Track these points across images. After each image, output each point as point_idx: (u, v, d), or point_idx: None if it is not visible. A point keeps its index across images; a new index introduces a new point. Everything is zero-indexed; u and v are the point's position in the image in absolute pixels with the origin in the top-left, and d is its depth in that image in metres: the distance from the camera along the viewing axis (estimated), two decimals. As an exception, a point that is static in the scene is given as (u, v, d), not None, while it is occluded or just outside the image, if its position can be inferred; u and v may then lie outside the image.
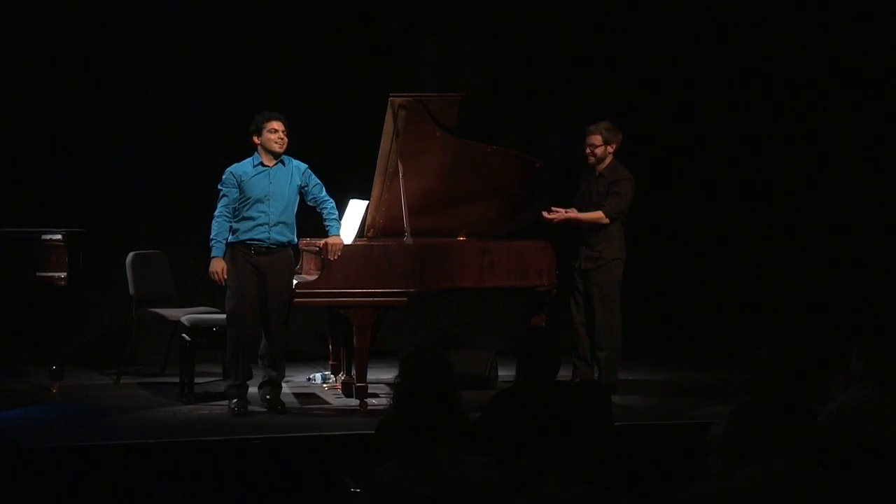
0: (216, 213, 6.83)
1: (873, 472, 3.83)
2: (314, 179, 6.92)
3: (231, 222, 6.78)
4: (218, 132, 8.76)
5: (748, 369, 4.57)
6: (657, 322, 9.10)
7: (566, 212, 7.35)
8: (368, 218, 7.38)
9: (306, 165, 6.93)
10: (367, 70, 9.02)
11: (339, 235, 6.90)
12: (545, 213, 7.34)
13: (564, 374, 7.17)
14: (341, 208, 7.37)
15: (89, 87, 8.57)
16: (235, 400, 6.71)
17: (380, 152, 7.19)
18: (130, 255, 7.81)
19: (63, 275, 7.15)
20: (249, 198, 6.76)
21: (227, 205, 6.79)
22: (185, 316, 7.36)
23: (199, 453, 5.82)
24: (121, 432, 6.21)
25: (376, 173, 7.25)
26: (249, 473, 5.71)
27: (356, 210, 7.28)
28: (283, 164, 6.86)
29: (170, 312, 7.59)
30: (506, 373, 7.82)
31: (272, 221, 6.76)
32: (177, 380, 7.37)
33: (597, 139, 7.31)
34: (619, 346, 7.33)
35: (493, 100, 9.33)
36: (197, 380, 7.37)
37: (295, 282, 7.00)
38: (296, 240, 6.95)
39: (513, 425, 4.08)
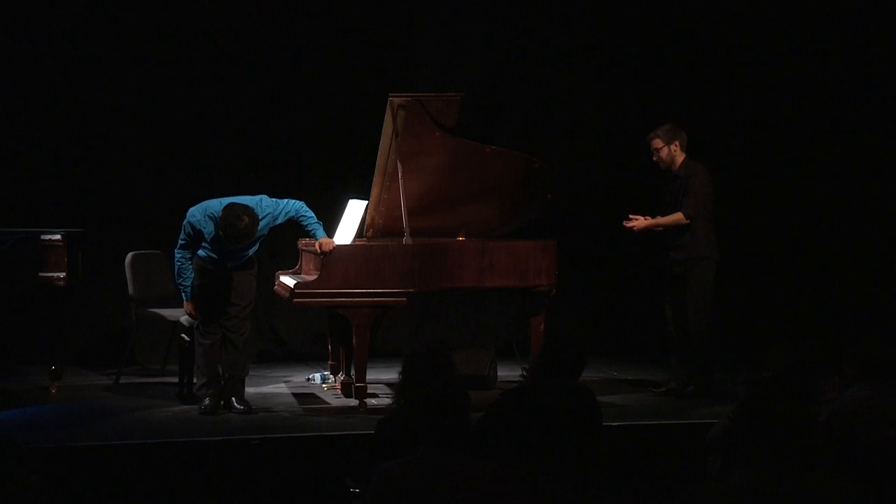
0: (179, 255, 6.69)
1: (873, 472, 3.83)
2: (279, 207, 6.74)
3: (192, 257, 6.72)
4: (217, 133, 8.78)
5: (747, 370, 4.58)
6: (656, 322, 9.09)
7: (645, 218, 7.38)
8: (368, 218, 7.38)
9: (259, 198, 6.70)
10: (366, 70, 9.02)
11: (325, 237, 6.83)
12: (625, 223, 7.37)
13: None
14: (341, 208, 7.38)
15: (89, 88, 8.57)
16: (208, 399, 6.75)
17: (379, 152, 7.19)
18: (130, 255, 7.81)
19: (62, 275, 7.14)
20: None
21: (190, 246, 6.69)
22: (184, 316, 7.36)
23: (198, 453, 5.82)
24: (120, 432, 6.21)
25: (375, 173, 7.26)
26: (249, 473, 5.72)
27: (355, 210, 7.28)
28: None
29: (169, 312, 7.59)
30: (505, 373, 7.82)
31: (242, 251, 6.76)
32: (176, 380, 7.37)
33: (657, 143, 7.35)
34: (710, 348, 7.30)
35: (493, 100, 9.33)
36: (196, 380, 7.36)
37: (294, 282, 7.00)
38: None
39: (513, 426, 4.08)
